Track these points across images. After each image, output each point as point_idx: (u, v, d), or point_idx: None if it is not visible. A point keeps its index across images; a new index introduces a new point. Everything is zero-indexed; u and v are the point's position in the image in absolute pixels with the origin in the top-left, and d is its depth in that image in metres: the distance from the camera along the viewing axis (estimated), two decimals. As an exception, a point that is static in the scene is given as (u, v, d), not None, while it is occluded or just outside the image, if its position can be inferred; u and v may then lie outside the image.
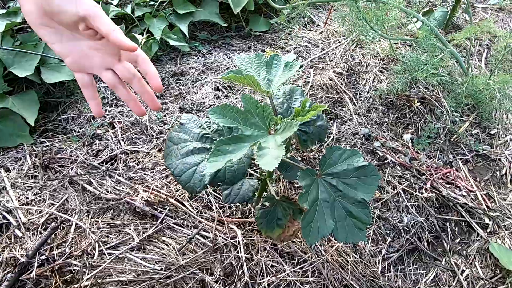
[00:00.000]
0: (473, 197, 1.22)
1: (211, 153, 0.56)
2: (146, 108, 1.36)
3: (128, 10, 1.59)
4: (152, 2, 1.72)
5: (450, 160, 1.36)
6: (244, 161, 0.70)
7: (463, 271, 1.06)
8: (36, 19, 0.56)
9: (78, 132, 1.25)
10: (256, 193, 0.90)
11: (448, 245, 1.11)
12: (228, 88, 1.52)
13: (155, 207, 1.01)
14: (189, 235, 0.95)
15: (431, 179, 1.23)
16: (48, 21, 0.56)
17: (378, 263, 0.99)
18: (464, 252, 1.11)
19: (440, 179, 1.26)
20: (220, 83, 1.52)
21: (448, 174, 1.29)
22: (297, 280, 0.88)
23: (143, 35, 1.53)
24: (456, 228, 1.16)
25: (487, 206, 1.21)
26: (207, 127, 0.77)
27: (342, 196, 0.69)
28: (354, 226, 0.68)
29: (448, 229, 1.14)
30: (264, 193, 0.92)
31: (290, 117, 0.69)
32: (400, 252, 1.04)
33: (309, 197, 0.66)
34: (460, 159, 1.38)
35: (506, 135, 1.52)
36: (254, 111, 0.63)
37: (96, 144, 1.21)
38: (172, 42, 1.59)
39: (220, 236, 0.95)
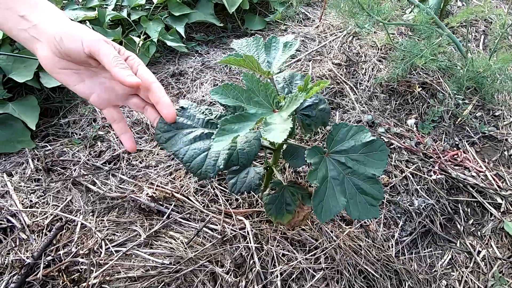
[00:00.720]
0: (483, 178, 1.20)
1: (217, 133, 0.54)
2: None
3: (124, 14, 1.60)
4: (147, 6, 1.73)
5: (457, 142, 1.34)
6: (255, 143, 0.68)
7: (479, 252, 1.03)
8: (53, 64, 0.56)
9: (80, 135, 1.24)
10: (262, 181, 0.88)
11: (462, 227, 1.09)
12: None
13: (161, 203, 1.00)
14: (196, 228, 0.93)
15: (439, 161, 1.21)
16: (66, 63, 0.57)
17: (392, 247, 0.96)
18: (479, 232, 1.08)
19: (448, 161, 1.24)
20: (219, 80, 1.52)
21: (455, 156, 1.27)
22: (309, 268, 0.86)
23: (140, 38, 1.54)
24: (469, 209, 1.13)
25: (498, 186, 1.18)
26: (209, 113, 0.75)
27: (352, 173, 0.67)
28: (366, 203, 0.66)
29: (460, 211, 1.12)
30: (271, 181, 0.90)
31: (295, 92, 0.68)
32: (413, 236, 1.01)
33: (319, 174, 0.64)
34: (467, 141, 1.36)
35: (510, 116, 1.51)
36: (257, 90, 0.62)
37: (98, 145, 1.20)
38: (169, 43, 1.60)
39: (228, 228, 0.93)
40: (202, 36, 1.88)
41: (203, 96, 1.44)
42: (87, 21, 1.49)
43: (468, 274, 0.98)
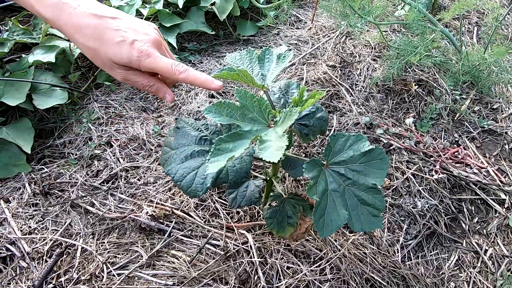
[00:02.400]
0: (485, 174, 1.19)
1: (211, 153, 0.53)
2: (142, 124, 1.35)
3: (114, 29, 1.59)
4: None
5: (456, 139, 1.33)
6: (246, 160, 0.67)
7: (486, 250, 1.02)
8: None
9: (76, 154, 1.23)
10: (262, 194, 0.87)
11: (467, 226, 1.07)
12: (222, 94, 1.51)
13: (161, 221, 0.98)
14: (198, 245, 0.92)
15: (440, 160, 1.20)
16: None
17: (397, 252, 0.95)
18: (484, 230, 1.07)
19: (449, 159, 1.23)
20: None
21: (456, 153, 1.25)
22: (315, 280, 0.85)
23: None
24: (473, 207, 1.12)
25: (501, 181, 1.17)
26: (205, 129, 0.74)
27: (352, 184, 0.66)
28: (369, 214, 0.65)
29: (465, 209, 1.10)
30: (271, 192, 0.89)
31: (289, 107, 0.67)
32: (418, 239, 1.00)
33: (318, 188, 0.63)
34: (466, 137, 1.34)
35: (509, 108, 1.49)
36: (251, 106, 0.61)
37: (95, 164, 1.19)
38: (161, 55, 1.58)
39: (231, 243, 0.91)
40: (195, 45, 1.86)
41: (199, 107, 1.43)
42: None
43: (476, 275, 0.96)
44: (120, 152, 1.22)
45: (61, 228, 0.98)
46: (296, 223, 0.81)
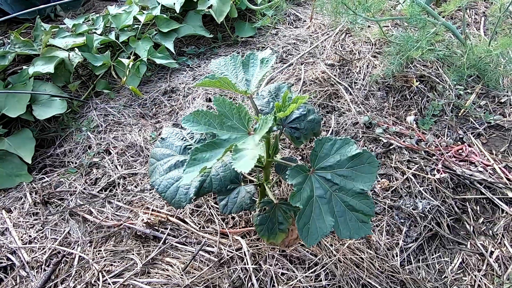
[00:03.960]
0: (491, 172, 1.14)
1: (187, 164, 0.52)
2: (140, 130, 1.36)
3: (112, 36, 1.61)
4: (136, 25, 1.74)
5: (461, 136, 1.28)
6: (230, 167, 0.66)
7: (492, 252, 0.98)
8: None
9: (76, 163, 1.25)
10: (254, 199, 0.86)
11: (472, 227, 1.03)
12: (219, 96, 1.50)
13: (156, 228, 0.99)
14: (193, 252, 0.92)
15: (442, 158, 1.16)
16: None
17: (396, 256, 0.92)
18: (490, 231, 1.03)
19: (452, 157, 1.18)
20: (211, 93, 1.51)
21: (460, 151, 1.21)
22: (310, 286, 0.83)
23: (129, 59, 1.54)
24: (478, 207, 1.08)
25: (508, 179, 1.12)
26: (190, 138, 0.74)
27: (340, 190, 0.64)
28: (357, 220, 0.63)
29: (469, 209, 1.06)
30: (266, 198, 0.88)
31: (271, 113, 0.66)
32: (419, 241, 0.97)
33: (303, 195, 0.61)
34: (472, 133, 1.29)
35: (518, 101, 1.43)
36: (229, 113, 0.60)
37: (93, 172, 1.21)
38: (158, 61, 1.59)
39: (225, 250, 0.91)
40: (193, 49, 1.87)
41: (196, 112, 1.43)
42: (76, 48, 1.51)
43: (481, 278, 0.92)
44: (118, 159, 1.24)
45: (60, 236, 1.00)
46: (287, 229, 0.79)
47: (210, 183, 0.64)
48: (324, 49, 1.70)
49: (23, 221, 1.05)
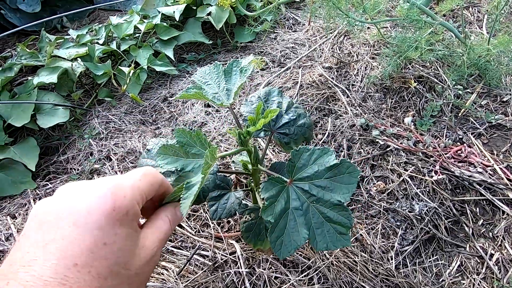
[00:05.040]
0: (491, 173, 1.12)
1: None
2: (140, 136, 1.39)
3: (113, 46, 1.66)
4: (137, 34, 1.78)
5: (460, 136, 1.26)
6: (209, 178, 0.67)
7: (492, 255, 0.96)
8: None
9: (78, 170, 1.29)
10: (246, 203, 0.87)
11: (471, 229, 1.01)
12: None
13: (153, 232, 1.00)
14: (188, 256, 0.93)
15: (440, 160, 1.14)
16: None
17: (392, 259, 0.91)
18: (490, 233, 1.01)
19: (451, 158, 1.17)
20: (209, 99, 1.53)
21: (459, 151, 1.19)
22: (303, 289, 0.83)
23: (130, 67, 1.58)
24: (477, 208, 1.06)
25: (509, 180, 1.10)
26: (177, 147, 0.75)
27: (317, 201, 0.63)
28: (335, 232, 0.62)
29: (468, 211, 1.04)
30: (251, 204, 0.89)
31: (244, 128, 0.66)
32: (415, 244, 0.96)
33: (276, 209, 0.60)
34: (472, 133, 1.27)
35: (521, 100, 1.40)
36: (192, 141, 0.60)
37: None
38: (158, 68, 1.63)
39: (219, 253, 0.92)
40: (193, 55, 1.90)
41: (195, 117, 1.45)
42: (78, 58, 1.56)
43: (480, 281, 0.91)
44: (118, 166, 1.27)
45: (61, 241, 1.03)
46: (278, 233, 0.80)
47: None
48: (322, 52, 1.70)
49: (26, 227, 1.08)
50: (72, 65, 1.51)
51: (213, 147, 0.54)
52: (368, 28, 1.84)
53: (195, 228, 1.02)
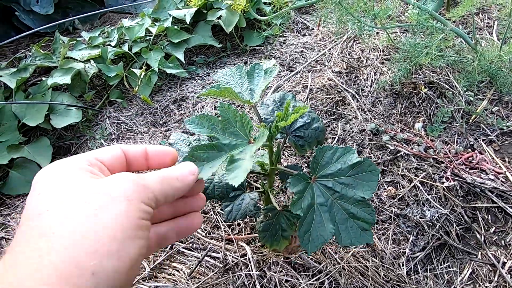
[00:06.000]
0: (503, 180, 1.11)
1: (183, 158, 0.53)
2: (151, 138, 1.40)
3: (125, 48, 1.68)
4: (148, 37, 1.81)
5: (471, 143, 1.26)
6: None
7: (504, 263, 0.95)
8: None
9: (89, 170, 1.30)
10: (259, 205, 0.87)
11: (482, 236, 1.01)
12: (225, 103, 1.53)
13: (164, 233, 1.01)
14: (199, 257, 0.94)
15: (451, 166, 1.14)
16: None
17: (403, 265, 0.91)
18: (503, 241, 1.00)
19: (462, 165, 1.16)
20: (219, 101, 1.54)
21: (470, 158, 1.18)
22: (314, 294, 0.83)
23: (141, 69, 1.60)
24: (489, 216, 1.05)
25: (522, 187, 1.09)
26: (196, 144, 0.76)
27: (341, 198, 0.65)
28: (358, 228, 0.63)
29: (480, 218, 1.04)
30: (270, 204, 0.89)
31: (273, 124, 0.67)
32: (426, 250, 0.95)
33: (303, 203, 0.62)
34: (483, 140, 1.27)
35: (532, 107, 1.39)
36: (233, 120, 0.61)
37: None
38: (169, 71, 1.65)
39: (230, 256, 0.92)
40: (203, 58, 1.92)
41: (204, 120, 1.47)
42: (91, 60, 1.58)
43: (492, 290, 0.90)
44: (129, 166, 1.28)
45: (73, 240, 1.04)
46: (291, 236, 0.80)
47: (213, 190, 0.66)
48: (331, 57, 1.71)
49: (39, 225, 1.10)
50: (85, 66, 1.53)
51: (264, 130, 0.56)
52: (377, 33, 1.85)
53: (205, 230, 1.02)
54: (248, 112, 1.46)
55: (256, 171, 0.84)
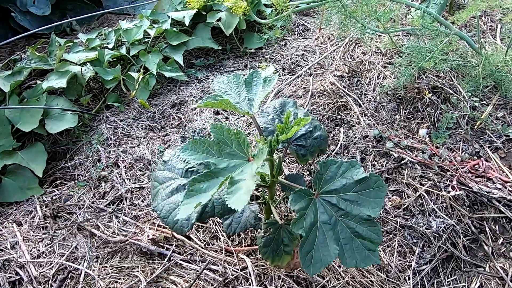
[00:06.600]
0: (510, 189, 1.08)
1: (185, 195, 0.51)
2: (149, 143, 1.37)
3: (123, 50, 1.65)
4: (146, 39, 1.77)
5: (477, 150, 1.23)
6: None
7: (513, 276, 0.92)
8: None
9: (85, 176, 1.27)
10: (260, 217, 0.84)
11: (490, 248, 0.98)
12: (227, 110, 1.50)
13: (162, 244, 0.98)
14: (197, 270, 0.90)
15: (457, 174, 1.11)
16: None
17: (409, 279, 0.88)
18: (511, 253, 0.97)
19: (468, 173, 1.13)
20: (219, 106, 1.51)
21: (476, 166, 1.16)
22: (317, 310, 0.80)
23: (139, 73, 1.56)
24: (496, 226, 1.02)
25: (530, 197, 1.06)
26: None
27: (345, 215, 0.62)
28: (364, 248, 0.60)
29: (487, 229, 1.01)
30: (270, 217, 0.86)
31: (273, 137, 0.64)
32: (433, 263, 0.92)
33: (306, 221, 0.59)
34: (489, 147, 1.24)
35: (538, 113, 1.36)
36: (228, 140, 0.58)
37: (102, 186, 1.22)
38: (167, 74, 1.61)
39: (229, 269, 0.89)
40: (202, 61, 1.88)
41: (204, 125, 1.43)
42: (88, 63, 1.54)
43: (501, 304, 0.87)
44: (126, 173, 1.25)
45: (67, 251, 1.01)
46: (293, 251, 0.77)
47: (212, 208, 0.63)
48: (333, 60, 1.68)
49: (32, 235, 1.06)
50: (81, 69, 1.49)
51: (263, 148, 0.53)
52: (379, 36, 1.82)
53: (204, 241, 0.99)
54: (247, 120, 1.43)
55: (257, 183, 0.81)
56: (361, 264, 0.58)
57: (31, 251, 1.02)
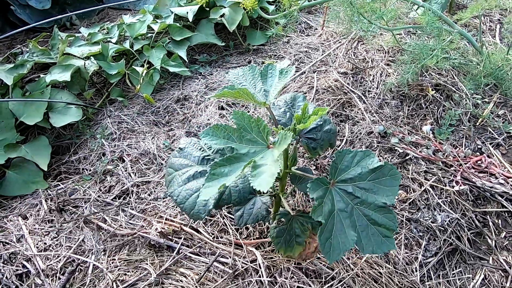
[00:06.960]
0: (512, 184, 1.10)
1: (206, 178, 0.52)
2: (154, 138, 1.36)
3: (127, 45, 1.64)
4: (149, 34, 1.76)
5: (479, 146, 1.25)
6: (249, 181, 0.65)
7: (515, 269, 0.94)
8: None
9: (90, 170, 1.26)
10: (270, 210, 0.85)
11: (493, 241, 1.00)
12: (232, 105, 1.50)
13: (170, 237, 0.98)
14: (207, 263, 0.91)
15: (461, 170, 1.13)
16: None
17: (416, 271, 0.89)
18: (513, 246, 0.99)
19: (471, 168, 1.15)
20: (223, 101, 1.51)
21: (479, 162, 1.18)
22: (327, 301, 0.81)
23: (143, 67, 1.56)
24: (499, 220, 1.04)
25: (531, 192, 1.08)
26: (208, 148, 0.73)
27: (361, 203, 0.63)
28: (380, 235, 0.61)
29: (490, 223, 1.03)
30: (280, 208, 0.87)
31: (291, 126, 0.65)
32: (439, 256, 0.94)
33: (324, 209, 0.60)
34: (490, 143, 1.26)
35: (538, 111, 1.39)
36: (248, 127, 0.59)
37: (107, 180, 1.21)
38: (172, 69, 1.61)
39: (239, 261, 0.89)
40: (205, 57, 1.88)
41: (208, 120, 1.43)
42: (91, 57, 1.53)
43: (505, 296, 0.89)
44: (131, 167, 1.24)
45: (74, 244, 1.00)
46: (304, 242, 0.78)
47: (229, 195, 0.64)
48: (336, 57, 1.69)
49: (38, 228, 1.05)
50: (84, 63, 1.48)
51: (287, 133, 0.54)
52: (381, 34, 1.84)
53: (212, 234, 1.00)
54: (253, 112, 1.43)
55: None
56: (378, 250, 0.60)
57: (37, 244, 1.01)
